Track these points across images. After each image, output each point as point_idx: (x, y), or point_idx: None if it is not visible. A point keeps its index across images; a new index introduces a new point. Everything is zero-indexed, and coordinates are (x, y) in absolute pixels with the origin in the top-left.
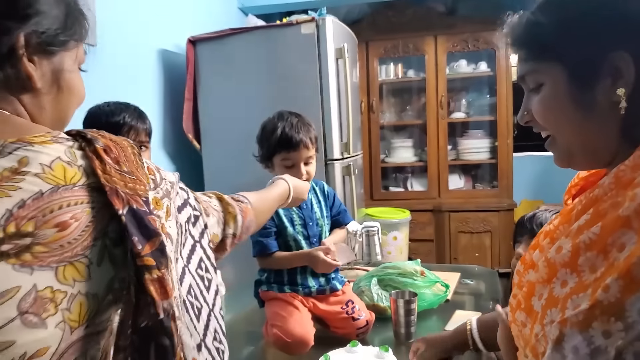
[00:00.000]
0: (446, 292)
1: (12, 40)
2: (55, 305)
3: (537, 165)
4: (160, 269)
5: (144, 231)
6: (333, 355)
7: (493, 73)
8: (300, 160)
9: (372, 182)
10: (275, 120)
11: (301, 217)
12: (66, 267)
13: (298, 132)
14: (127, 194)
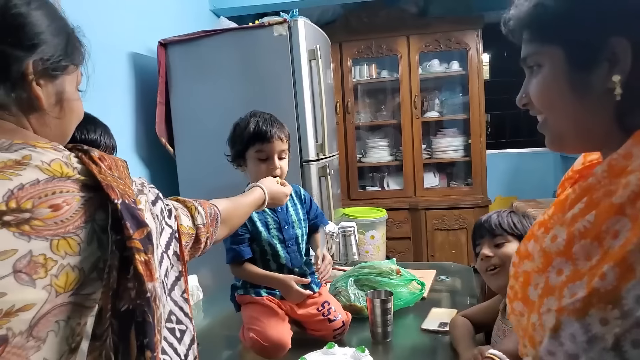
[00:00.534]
0: (422, 290)
1: (23, 67)
2: (46, 270)
3: (510, 162)
4: (147, 253)
5: (135, 221)
6: (310, 357)
7: (465, 72)
8: (274, 153)
9: (349, 182)
10: (249, 117)
11: (276, 220)
12: (60, 241)
13: (272, 125)
14: (120, 190)
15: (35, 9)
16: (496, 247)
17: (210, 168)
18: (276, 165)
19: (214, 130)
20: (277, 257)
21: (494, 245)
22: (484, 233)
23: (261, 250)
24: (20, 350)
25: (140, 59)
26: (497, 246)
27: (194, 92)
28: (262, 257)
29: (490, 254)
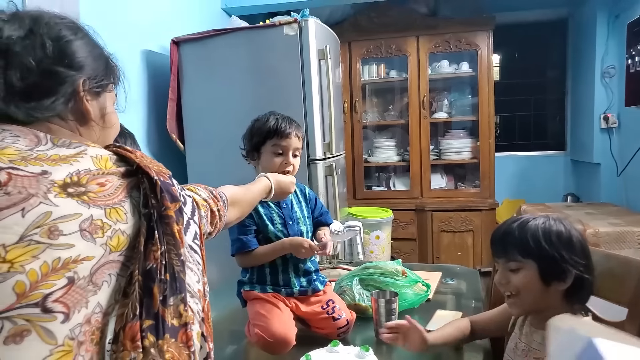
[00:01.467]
0: (427, 292)
1: (75, 85)
2: (103, 232)
3: (518, 164)
4: (179, 224)
5: (170, 195)
6: (314, 355)
7: (475, 73)
8: (290, 149)
9: (355, 181)
10: (268, 115)
11: (281, 216)
12: (111, 210)
13: (290, 123)
14: (156, 170)
15: (80, 38)
16: (511, 272)
17: (220, 165)
18: (290, 161)
19: (224, 128)
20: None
21: (508, 269)
22: (499, 253)
23: (267, 243)
24: (83, 291)
25: (153, 56)
26: (512, 271)
27: (205, 89)
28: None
29: (503, 280)
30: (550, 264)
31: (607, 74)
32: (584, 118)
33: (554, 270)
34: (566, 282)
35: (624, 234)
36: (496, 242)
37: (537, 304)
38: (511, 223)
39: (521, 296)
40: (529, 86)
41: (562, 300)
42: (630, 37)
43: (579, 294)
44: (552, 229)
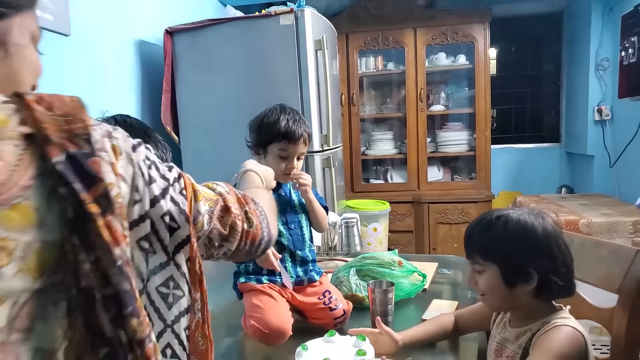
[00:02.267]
0: (423, 282)
1: None
2: (9, 254)
3: (514, 157)
4: (106, 214)
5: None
6: (311, 345)
7: (472, 66)
8: (296, 154)
9: (353, 174)
10: (279, 112)
11: (279, 203)
12: (9, 211)
13: (300, 127)
14: (63, 137)
15: None
16: (477, 273)
17: (215, 157)
18: (294, 165)
19: (219, 119)
20: (279, 238)
21: (475, 271)
22: (466, 253)
23: None
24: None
25: (146, 46)
26: (477, 272)
27: (199, 80)
28: None
29: (471, 281)
30: (512, 267)
31: (601, 67)
32: (578, 110)
33: (515, 273)
34: (530, 283)
35: (616, 224)
36: (464, 242)
37: (507, 304)
38: (476, 223)
39: (487, 297)
40: (525, 79)
41: (533, 298)
42: (624, 29)
43: (548, 293)
44: (514, 229)
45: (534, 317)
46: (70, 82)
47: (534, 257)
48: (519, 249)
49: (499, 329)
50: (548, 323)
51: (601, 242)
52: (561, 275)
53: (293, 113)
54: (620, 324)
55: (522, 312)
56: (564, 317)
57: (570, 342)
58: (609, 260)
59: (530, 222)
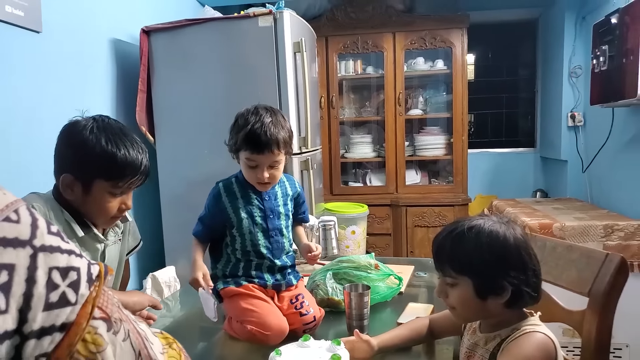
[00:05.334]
0: (399, 285)
1: None
2: None
3: (490, 161)
4: None
5: None
6: (285, 350)
7: (449, 71)
8: (265, 164)
9: (332, 177)
10: (249, 115)
11: (262, 209)
12: None
13: (267, 133)
14: None
15: None
16: (448, 286)
17: (191, 158)
18: (263, 177)
19: (196, 121)
20: (257, 247)
21: (445, 282)
22: (436, 267)
23: (242, 239)
24: None
25: (122, 45)
26: (449, 285)
27: (176, 81)
28: (242, 246)
29: (442, 295)
30: (485, 280)
31: (574, 74)
32: (553, 116)
33: (489, 287)
34: (503, 296)
35: (588, 228)
36: (433, 254)
37: (478, 316)
38: (446, 235)
39: (458, 310)
40: (501, 85)
41: (504, 308)
42: (596, 38)
43: (519, 303)
44: (486, 242)
45: (504, 324)
46: (42, 80)
47: (508, 269)
48: (493, 262)
49: (469, 334)
50: (518, 330)
51: (572, 246)
52: (532, 286)
53: (264, 116)
54: (591, 326)
55: (493, 320)
56: (534, 323)
57: (540, 348)
58: (580, 263)
59: (502, 233)
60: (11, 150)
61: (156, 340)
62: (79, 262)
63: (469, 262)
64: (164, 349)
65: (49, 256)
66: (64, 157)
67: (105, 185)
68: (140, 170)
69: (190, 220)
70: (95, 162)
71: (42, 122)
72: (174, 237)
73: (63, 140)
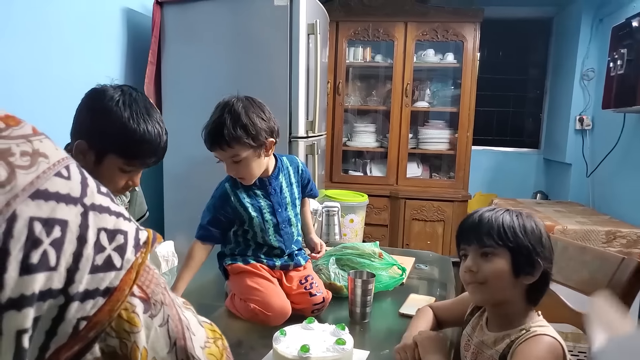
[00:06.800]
0: (402, 276)
1: None
2: None
3: (492, 159)
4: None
5: None
6: (289, 330)
7: (459, 65)
8: (226, 159)
9: (333, 164)
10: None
11: (269, 204)
12: None
13: (214, 131)
14: None
15: None
16: (482, 258)
17: (197, 135)
18: (230, 170)
19: (204, 96)
20: (269, 242)
21: (480, 255)
22: (471, 239)
23: (253, 234)
24: None
25: (134, 15)
26: (483, 256)
27: (186, 55)
28: (254, 238)
29: (475, 268)
30: (524, 254)
31: (586, 77)
32: (560, 118)
33: (525, 262)
34: (534, 275)
35: (590, 233)
36: (467, 228)
37: (502, 295)
38: (484, 212)
39: (488, 284)
40: (510, 83)
41: (523, 296)
42: (614, 40)
43: (539, 292)
44: (525, 221)
45: (513, 321)
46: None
47: (542, 250)
48: (532, 239)
49: (475, 331)
50: (527, 330)
51: (586, 247)
52: (550, 275)
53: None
54: None
55: (503, 312)
56: (542, 325)
57: (550, 351)
58: (592, 265)
59: (537, 222)
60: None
61: (201, 332)
62: (127, 225)
63: (513, 234)
64: (207, 342)
65: (98, 216)
66: (83, 123)
67: (118, 162)
68: (157, 152)
69: (191, 196)
70: (113, 136)
71: (49, 88)
72: (174, 212)
73: (86, 105)
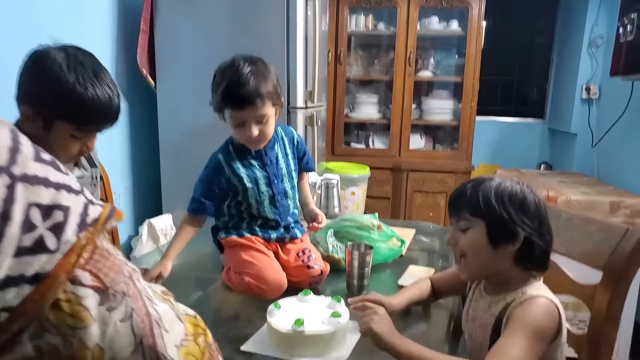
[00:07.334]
0: (401, 247)
1: None
2: None
3: (497, 130)
4: None
5: None
6: (284, 303)
7: (464, 33)
8: (250, 119)
9: (335, 136)
10: (225, 69)
11: (265, 175)
12: None
13: (246, 87)
14: None
15: None
16: (461, 232)
17: (192, 106)
18: (252, 133)
19: (199, 66)
20: (264, 214)
21: (459, 229)
22: (451, 212)
23: (248, 205)
24: None
25: None
26: (462, 231)
27: (180, 23)
28: (248, 210)
29: (452, 241)
30: (499, 223)
31: (594, 44)
32: (566, 87)
33: (502, 231)
34: (514, 244)
35: (594, 203)
36: (450, 202)
37: (485, 267)
38: (467, 183)
39: (468, 258)
40: (515, 51)
41: (512, 264)
42: (625, 5)
43: (529, 259)
44: (505, 189)
45: (509, 286)
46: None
47: (524, 216)
48: (510, 206)
49: (474, 295)
50: (523, 294)
51: (590, 219)
52: (544, 242)
53: (243, 68)
54: (602, 301)
55: (499, 279)
56: (539, 288)
57: (546, 314)
58: (596, 237)
59: (522, 189)
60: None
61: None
62: (70, 200)
63: (487, 204)
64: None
65: (30, 189)
66: (26, 89)
67: (68, 128)
68: (109, 117)
69: (188, 168)
70: (59, 103)
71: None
72: (171, 184)
73: (28, 70)
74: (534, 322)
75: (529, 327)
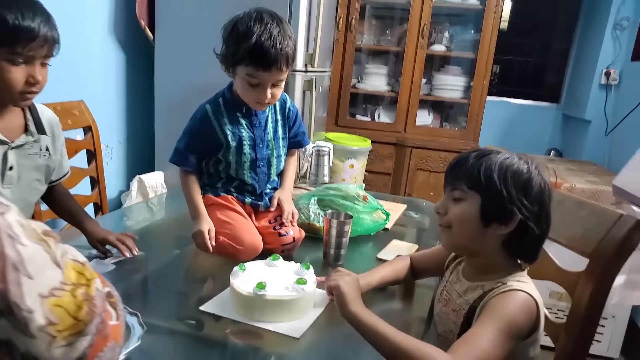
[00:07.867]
0: (386, 220)
1: None
2: None
3: (508, 111)
4: None
5: None
6: (250, 266)
7: (482, 7)
8: (269, 82)
9: (340, 106)
10: (252, 23)
11: (251, 137)
12: None
13: (276, 48)
14: None
15: None
16: (453, 202)
17: (190, 62)
18: (267, 96)
19: (199, 21)
20: (242, 177)
21: (452, 198)
22: (447, 180)
23: (226, 165)
24: None
25: None
26: (455, 201)
27: None
28: (226, 171)
29: (442, 210)
30: (496, 201)
31: (619, 26)
32: (585, 71)
33: (497, 209)
34: (508, 226)
35: (599, 193)
36: (449, 168)
37: (470, 244)
38: (472, 152)
39: (453, 229)
40: (536, 31)
41: (499, 248)
42: None
43: (519, 245)
44: (511, 165)
45: (490, 273)
46: None
47: (524, 198)
48: (512, 185)
49: (451, 276)
50: (503, 284)
51: (584, 202)
52: (540, 229)
53: (272, 26)
54: (585, 289)
55: (480, 263)
56: (520, 280)
57: (522, 310)
58: (588, 222)
59: (529, 169)
60: None
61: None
62: None
63: (487, 179)
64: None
65: None
66: None
67: (1, 52)
68: (38, 34)
69: (183, 125)
70: None
71: None
72: (165, 141)
73: None
74: (508, 316)
75: (503, 320)
